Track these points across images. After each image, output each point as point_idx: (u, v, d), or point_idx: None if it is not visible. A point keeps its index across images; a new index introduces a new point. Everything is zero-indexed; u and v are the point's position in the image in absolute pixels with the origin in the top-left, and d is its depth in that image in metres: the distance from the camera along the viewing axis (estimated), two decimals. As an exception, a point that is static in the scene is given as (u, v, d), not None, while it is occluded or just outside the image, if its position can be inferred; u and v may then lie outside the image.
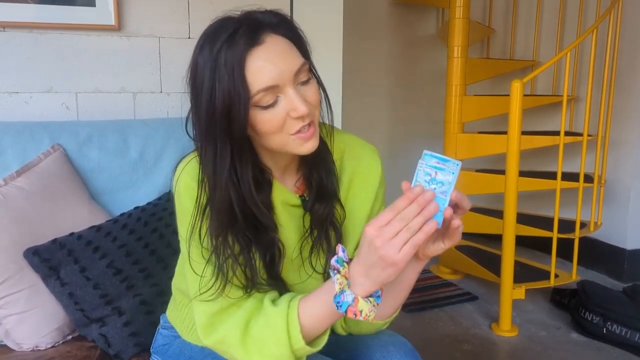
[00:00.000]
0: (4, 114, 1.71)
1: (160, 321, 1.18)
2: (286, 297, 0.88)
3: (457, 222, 0.78)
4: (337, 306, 0.78)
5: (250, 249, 0.88)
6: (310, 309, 0.83)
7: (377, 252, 0.73)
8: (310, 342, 0.85)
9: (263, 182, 0.90)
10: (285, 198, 0.95)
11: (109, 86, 1.83)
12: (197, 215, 0.88)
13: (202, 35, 0.85)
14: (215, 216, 0.86)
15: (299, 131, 0.83)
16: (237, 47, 0.79)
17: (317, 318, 0.83)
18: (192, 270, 0.90)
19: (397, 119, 3.52)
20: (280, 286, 0.93)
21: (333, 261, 0.80)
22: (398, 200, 0.75)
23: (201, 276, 0.88)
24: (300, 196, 0.97)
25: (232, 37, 0.80)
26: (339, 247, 0.81)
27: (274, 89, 0.80)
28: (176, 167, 0.94)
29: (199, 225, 0.88)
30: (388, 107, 3.51)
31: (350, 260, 0.80)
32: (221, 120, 0.80)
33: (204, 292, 0.87)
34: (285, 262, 0.95)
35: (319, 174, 0.94)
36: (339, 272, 0.79)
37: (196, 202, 0.88)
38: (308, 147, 0.85)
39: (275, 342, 0.83)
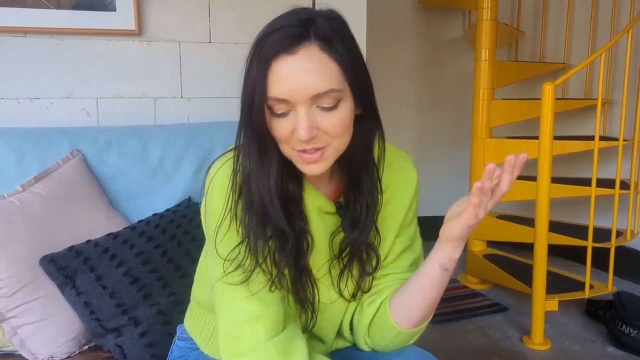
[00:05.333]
0: (25, 120, 1.70)
1: (177, 332, 1.14)
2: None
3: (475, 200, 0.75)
4: None
5: (280, 236, 0.84)
6: None
7: None
8: None
9: (294, 175, 0.86)
10: (320, 204, 0.90)
11: (130, 91, 1.81)
12: (231, 204, 0.84)
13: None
14: (250, 201, 0.83)
15: (302, 150, 0.79)
16: (272, 46, 0.76)
17: None
18: (218, 256, 0.85)
19: (422, 122, 3.46)
20: (305, 282, 0.89)
21: None
22: None
23: (229, 259, 0.84)
24: (335, 202, 0.92)
25: (275, 33, 0.76)
26: None
27: (285, 102, 0.77)
28: (211, 165, 0.90)
29: (234, 212, 0.84)
30: (414, 111, 3.44)
31: None
32: (247, 109, 0.80)
33: (231, 272, 0.83)
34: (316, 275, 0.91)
35: (359, 202, 0.89)
36: None
37: (227, 196, 0.84)
38: (309, 170, 0.81)
39: None
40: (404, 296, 0.90)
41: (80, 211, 1.41)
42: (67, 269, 1.25)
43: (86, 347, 1.29)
